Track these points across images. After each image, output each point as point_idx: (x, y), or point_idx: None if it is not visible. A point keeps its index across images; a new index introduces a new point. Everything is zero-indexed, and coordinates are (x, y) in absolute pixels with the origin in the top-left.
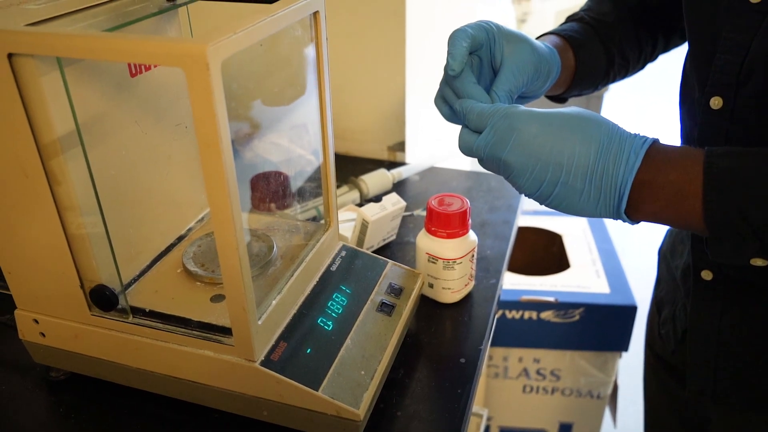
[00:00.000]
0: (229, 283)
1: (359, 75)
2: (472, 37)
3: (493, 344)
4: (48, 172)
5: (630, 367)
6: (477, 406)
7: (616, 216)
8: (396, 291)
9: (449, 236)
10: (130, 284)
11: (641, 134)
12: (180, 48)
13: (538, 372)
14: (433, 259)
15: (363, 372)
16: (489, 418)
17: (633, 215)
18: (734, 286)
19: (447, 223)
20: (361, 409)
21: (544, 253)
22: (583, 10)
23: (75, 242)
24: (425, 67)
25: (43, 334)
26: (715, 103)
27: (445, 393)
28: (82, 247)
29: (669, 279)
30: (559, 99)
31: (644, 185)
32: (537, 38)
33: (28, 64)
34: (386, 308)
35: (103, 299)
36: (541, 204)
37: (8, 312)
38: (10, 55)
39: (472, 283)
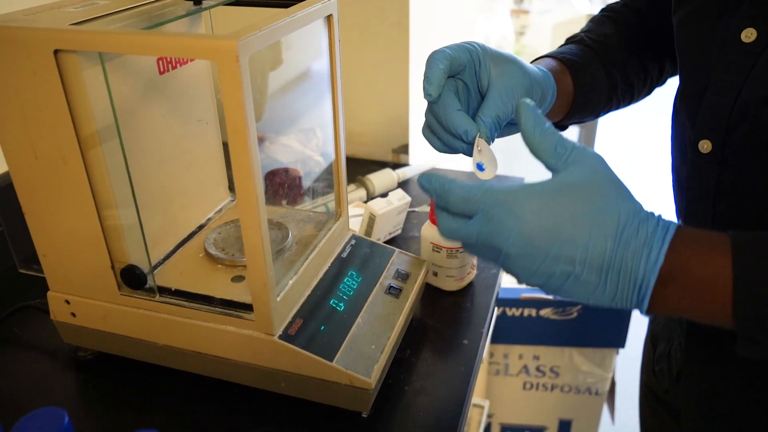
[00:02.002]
0: (252, 261)
1: (365, 82)
2: (451, 58)
3: (493, 341)
4: (86, 160)
5: (627, 362)
6: (478, 398)
7: (632, 308)
8: (403, 276)
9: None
10: (155, 267)
11: (660, 216)
12: (214, 43)
13: (537, 369)
14: (437, 248)
15: (373, 346)
16: (490, 415)
17: (652, 310)
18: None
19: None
20: (372, 378)
21: None
22: (583, 31)
23: (107, 226)
24: None
25: (74, 315)
26: (704, 146)
27: (450, 371)
28: (114, 230)
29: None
30: (558, 126)
31: (667, 283)
32: (532, 61)
33: (71, 60)
34: (394, 291)
35: (133, 278)
36: (546, 294)
37: (37, 296)
38: (56, 52)
39: (474, 272)
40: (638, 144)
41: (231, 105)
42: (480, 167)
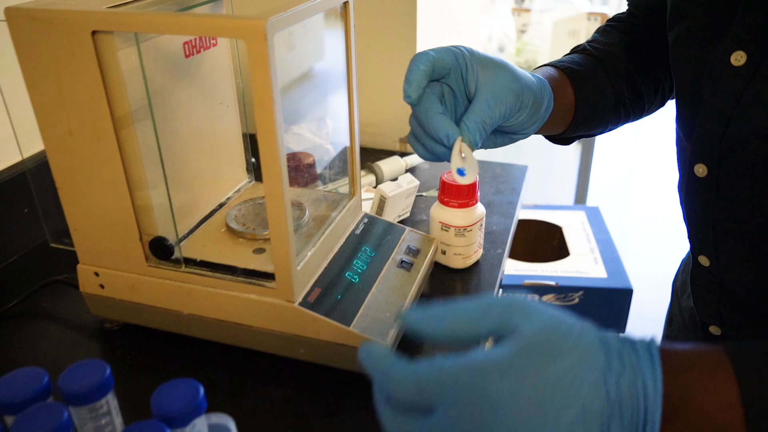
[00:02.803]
0: (275, 229)
1: (372, 73)
2: (434, 60)
3: None
4: (118, 136)
5: None
6: None
7: None
8: (413, 252)
9: (460, 206)
10: (180, 240)
11: (632, 340)
12: (244, 23)
13: None
14: (445, 227)
15: (387, 314)
16: None
17: None
18: (749, 334)
19: (458, 194)
20: (388, 342)
21: (545, 244)
22: (587, 41)
23: (137, 200)
24: None
25: (102, 286)
26: (700, 170)
27: None
28: (143, 204)
29: (680, 319)
30: (562, 140)
31: (672, 419)
32: (534, 69)
33: (108, 41)
34: (405, 265)
35: (161, 249)
36: None
37: (66, 271)
38: (93, 33)
39: (481, 251)
40: (637, 153)
41: (258, 81)
42: (461, 172)
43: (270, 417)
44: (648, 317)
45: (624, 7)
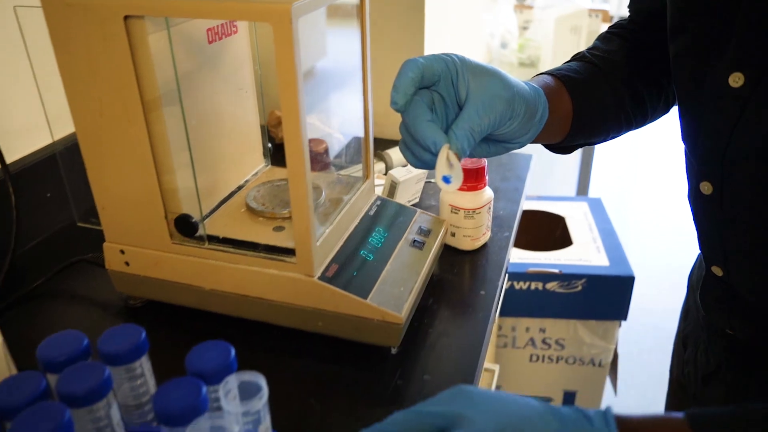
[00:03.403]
0: (296, 205)
1: (381, 64)
2: (423, 68)
3: (501, 314)
4: (147, 117)
5: (629, 335)
6: (488, 363)
7: None
8: (425, 232)
9: (469, 189)
10: (204, 218)
11: (587, 414)
12: (270, 7)
13: (544, 341)
14: (455, 209)
15: (401, 288)
16: (498, 387)
17: None
18: (760, 342)
19: (467, 178)
20: (403, 314)
21: (548, 234)
22: (588, 49)
23: (163, 179)
24: None
25: (127, 263)
26: (705, 188)
27: (469, 317)
28: (169, 183)
29: (695, 314)
30: (562, 149)
31: None
32: (534, 77)
33: (139, 25)
34: (418, 244)
35: (186, 226)
36: None
37: (92, 250)
38: (126, 17)
39: (489, 234)
40: (638, 146)
41: (283, 63)
42: (446, 180)
43: (291, 387)
44: (649, 307)
45: (625, 4)
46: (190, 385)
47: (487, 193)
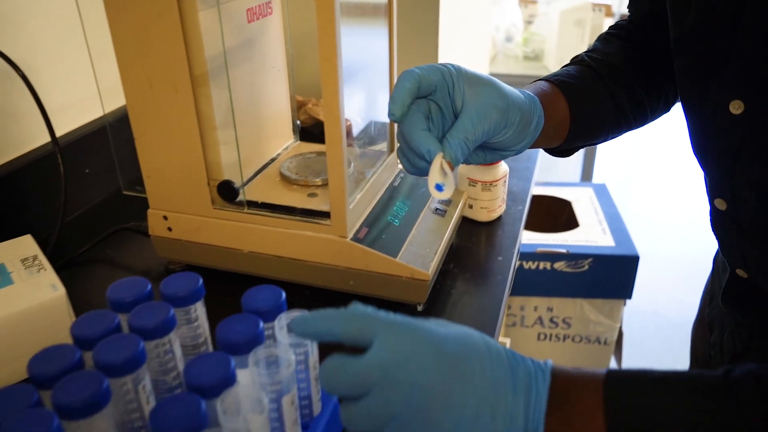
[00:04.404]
0: (333, 171)
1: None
2: (420, 78)
3: (510, 294)
4: (194, 88)
5: (633, 314)
6: (501, 337)
7: None
8: (446, 202)
9: (486, 163)
10: (243, 185)
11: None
12: None
13: (551, 320)
14: (473, 182)
15: (427, 250)
16: None
17: None
18: None
19: None
20: (429, 272)
21: (555, 218)
22: (586, 51)
23: (207, 148)
24: (456, 52)
25: (170, 229)
26: (719, 203)
27: (488, 279)
28: (212, 152)
29: (719, 301)
30: (561, 152)
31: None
32: (534, 81)
33: (190, 2)
34: (440, 211)
35: (228, 191)
36: None
37: (135, 218)
38: None
39: (504, 206)
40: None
41: (325, 35)
42: (439, 188)
43: (322, 346)
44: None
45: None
46: (248, 319)
47: (503, 167)
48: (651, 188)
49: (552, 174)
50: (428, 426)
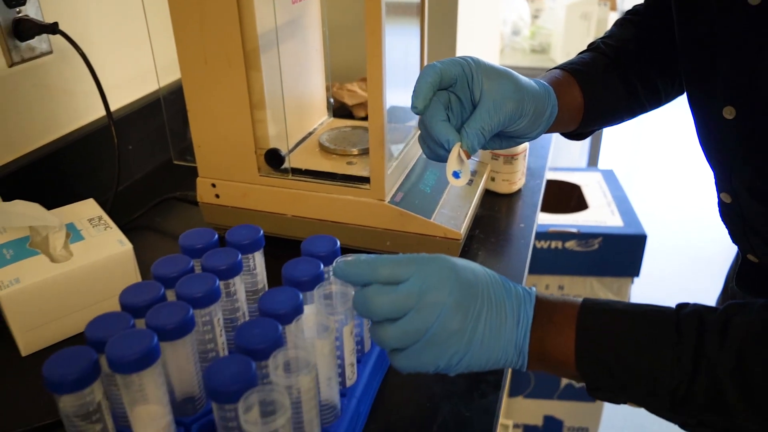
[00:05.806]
0: (374, 138)
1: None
2: (441, 72)
3: None
4: (246, 62)
5: (641, 291)
6: None
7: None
8: (472, 172)
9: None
10: (288, 153)
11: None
12: None
13: None
14: (495, 156)
15: (457, 212)
16: None
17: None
18: None
19: None
20: (461, 231)
21: (565, 201)
22: (602, 38)
23: (256, 119)
24: (471, 46)
25: (218, 196)
26: (725, 197)
27: (512, 242)
28: (260, 123)
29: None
30: (576, 136)
31: (533, 362)
32: (549, 70)
33: None
34: (468, 181)
35: (275, 158)
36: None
37: (184, 186)
38: None
39: (524, 179)
40: (646, 120)
41: (371, 9)
42: (456, 175)
43: None
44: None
45: None
46: (310, 261)
47: None
48: (655, 175)
49: (558, 160)
50: (452, 333)
